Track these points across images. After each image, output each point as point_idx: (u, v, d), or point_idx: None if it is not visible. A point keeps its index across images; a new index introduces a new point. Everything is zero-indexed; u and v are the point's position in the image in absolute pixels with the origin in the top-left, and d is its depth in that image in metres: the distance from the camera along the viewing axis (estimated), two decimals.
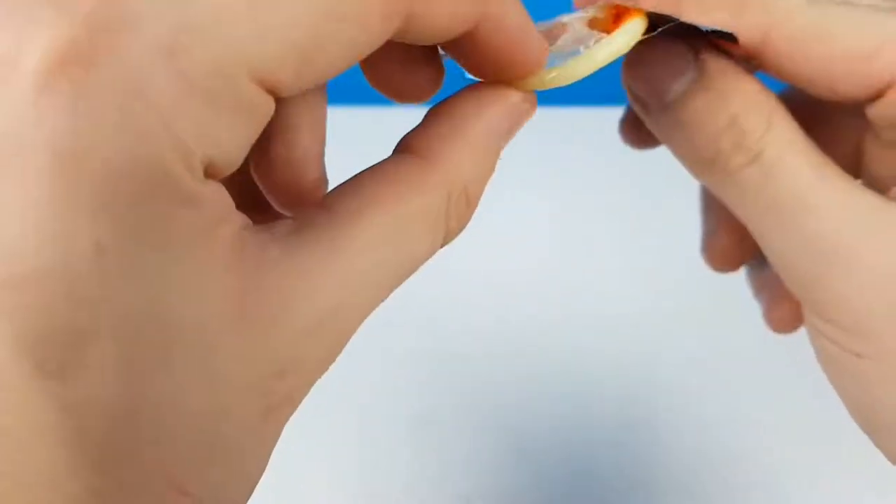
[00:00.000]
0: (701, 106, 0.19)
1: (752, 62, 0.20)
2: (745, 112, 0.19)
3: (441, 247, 0.17)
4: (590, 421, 0.41)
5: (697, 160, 0.20)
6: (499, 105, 0.18)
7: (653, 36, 0.19)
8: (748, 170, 0.19)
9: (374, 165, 0.17)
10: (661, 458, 0.35)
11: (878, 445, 0.20)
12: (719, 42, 0.20)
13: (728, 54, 0.20)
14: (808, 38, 0.19)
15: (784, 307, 0.23)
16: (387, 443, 0.40)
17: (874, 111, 0.20)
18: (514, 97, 0.18)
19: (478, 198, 0.18)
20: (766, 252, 0.20)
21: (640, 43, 0.19)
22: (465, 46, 0.17)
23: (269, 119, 0.15)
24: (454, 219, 0.17)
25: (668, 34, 0.19)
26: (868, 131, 0.21)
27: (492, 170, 0.18)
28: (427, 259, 0.17)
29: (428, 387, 0.43)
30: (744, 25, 0.19)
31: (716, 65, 0.20)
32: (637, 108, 0.21)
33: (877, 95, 0.19)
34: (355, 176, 0.17)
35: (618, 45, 0.20)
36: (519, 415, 0.42)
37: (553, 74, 0.20)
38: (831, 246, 0.18)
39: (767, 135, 0.19)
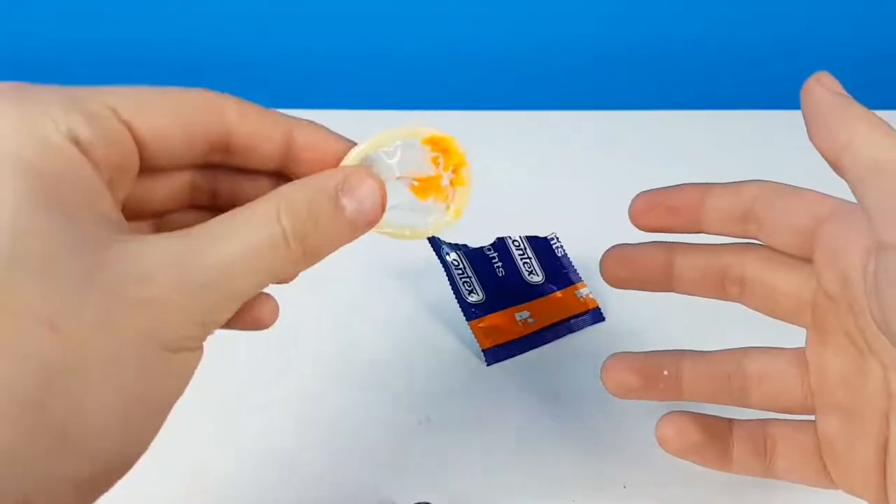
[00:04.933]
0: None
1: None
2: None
3: (295, 246, 0.23)
4: (588, 419, 0.41)
5: (834, 146, 0.27)
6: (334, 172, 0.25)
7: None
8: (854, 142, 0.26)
9: None
10: (660, 454, 0.35)
11: None
12: None
13: None
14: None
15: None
16: (387, 442, 0.40)
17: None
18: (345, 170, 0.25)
19: (319, 210, 0.23)
20: (866, 200, 0.26)
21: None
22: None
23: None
24: (291, 226, 0.23)
25: None
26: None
27: (329, 198, 0.24)
28: (276, 252, 0.23)
29: (431, 387, 0.43)
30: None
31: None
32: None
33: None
34: None
35: (428, 232, 0.27)
36: (517, 412, 0.42)
37: (384, 227, 0.26)
38: None
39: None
